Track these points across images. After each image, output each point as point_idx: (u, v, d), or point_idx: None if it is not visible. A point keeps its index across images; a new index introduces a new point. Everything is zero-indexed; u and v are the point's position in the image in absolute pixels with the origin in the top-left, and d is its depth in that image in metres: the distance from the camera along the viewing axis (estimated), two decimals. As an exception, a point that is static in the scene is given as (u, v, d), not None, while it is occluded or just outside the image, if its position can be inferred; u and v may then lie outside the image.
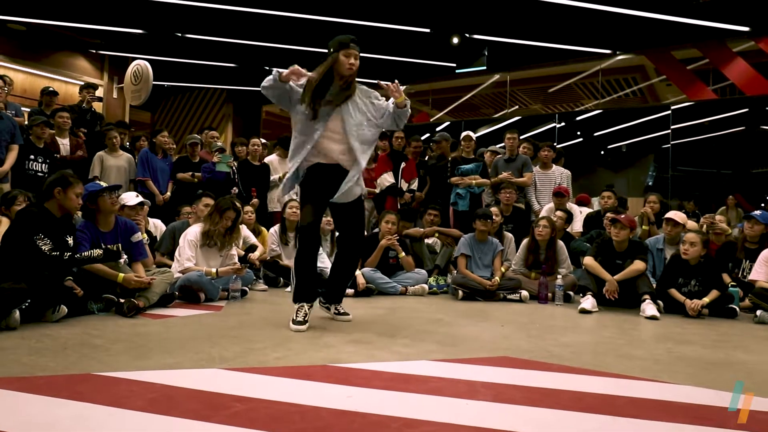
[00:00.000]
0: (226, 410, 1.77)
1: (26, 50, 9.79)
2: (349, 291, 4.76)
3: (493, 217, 5.29)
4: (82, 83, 7.76)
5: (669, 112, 9.39)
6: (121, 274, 3.61)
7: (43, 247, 3.16)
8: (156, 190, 6.27)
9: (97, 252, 3.42)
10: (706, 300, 4.13)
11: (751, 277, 4.39)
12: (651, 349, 2.98)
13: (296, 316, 3.20)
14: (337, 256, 3.58)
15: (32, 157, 5.51)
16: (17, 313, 2.90)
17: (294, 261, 3.32)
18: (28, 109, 7.13)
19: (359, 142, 3.24)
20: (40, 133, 5.59)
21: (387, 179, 6.31)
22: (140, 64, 9.67)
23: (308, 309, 3.25)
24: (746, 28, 8.28)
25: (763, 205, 8.68)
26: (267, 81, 3.12)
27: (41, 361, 2.29)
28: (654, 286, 4.44)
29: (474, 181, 6.02)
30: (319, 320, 3.49)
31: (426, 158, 6.84)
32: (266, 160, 6.80)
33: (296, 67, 3.10)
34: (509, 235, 5.54)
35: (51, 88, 6.78)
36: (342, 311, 3.55)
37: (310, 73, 3.14)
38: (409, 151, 6.74)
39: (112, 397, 1.85)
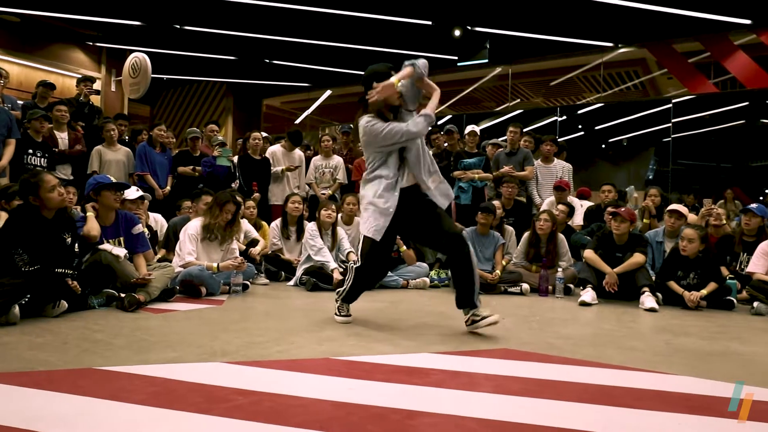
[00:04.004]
0: (228, 403, 1.77)
1: (21, 42, 9.72)
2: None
3: (496, 210, 5.31)
4: (80, 76, 7.74)
5: (670, 105, 9.36)
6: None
7: (19, 263, 3.05)
8: (155, 184, 6.25)
9: (70, 272, 3.26)
10: (704, 292, 4.17)
11: (748, 269, 4.41)
12: (650, 341, 2.99)
13: (341, 311, 3.27)
14: (449, 260, 3.30)
15: (31, 151, 5.50)
16: (17, 308, 2.89)
17: (361, 271, 3.20)
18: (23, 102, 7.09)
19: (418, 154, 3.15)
20: (39, 127, 5.55)
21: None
22: (138, 56, 9.61)
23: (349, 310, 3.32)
24: (748, 21, 8.23)
25: (761, 198, 8.67)
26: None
27: (42, 356, 2.30)
28: (653, 278, 4.46)
29: (476, 176, 6.02)
30: (320, 313, 3.50)
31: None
32: (269, 151, 6.75)
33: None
34: (510, 228, 5.55)
35: (48, 81, 6.74)
36: (482, 316, 2.99)
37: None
38: None
39: (114, 391, 1.86)
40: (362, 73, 3.21)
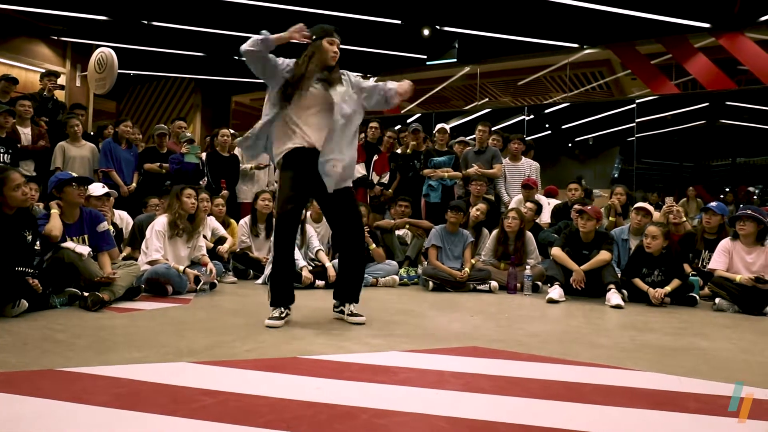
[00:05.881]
0: (195, 404, 1.74)
1: (-18, 35, 9.38)
2: (320, 282, 4.76)
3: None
4: (43, 71, 7.50)
5: (634, 105, 9.60)
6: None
7: None
8: (120, 181, 6.11)
9: (30, 270, 3.20)
10: (668, 289, 4.27)
11: (710, 266, 4.53)
12: (616, 338, 3.05)
13: (272, 314, 3.05)
14: (341, 254, 3.37)
15: (-8, 147, 5.33)
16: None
17: (272, 258, 3.10)
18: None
19: (342, 126, 3.08)
20: (2, 122, 5.41)
21: (358, 170, 6.29)
22: (104, 51, 9.37)
23: (285, 310, 3.10)
24: (707, 25, 8.51)
25: (722, 196, 8.96)
26: (251, 44, 2.96)
27: (0, 357, 2.22)
28: (619, 275, 4.56)
29: (446, 174, 6.06)
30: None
31: (398, 150, 6.83)
32: (236, 149, 6.66)
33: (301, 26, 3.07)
34: (486, 230, 5.60)
35: (10, 75, 6.53)
36: (354, 312, 3.21)
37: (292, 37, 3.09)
38: (383, 140, 6.73)
39: (76, 392, 1.81)
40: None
